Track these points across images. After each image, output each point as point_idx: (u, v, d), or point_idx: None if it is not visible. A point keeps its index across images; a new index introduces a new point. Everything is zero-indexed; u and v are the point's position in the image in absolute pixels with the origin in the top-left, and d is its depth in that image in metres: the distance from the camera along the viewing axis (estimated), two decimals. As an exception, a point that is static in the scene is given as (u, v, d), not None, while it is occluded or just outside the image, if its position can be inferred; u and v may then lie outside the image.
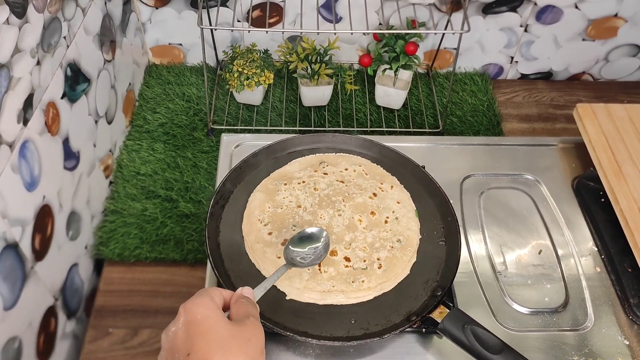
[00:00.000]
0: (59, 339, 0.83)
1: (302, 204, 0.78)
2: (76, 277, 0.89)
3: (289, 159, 0.85)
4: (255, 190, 0.80)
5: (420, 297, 0.70)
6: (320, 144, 0.88)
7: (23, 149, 0.72)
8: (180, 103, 1.17)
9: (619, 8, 1.15)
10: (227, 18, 1.17)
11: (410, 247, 0.75)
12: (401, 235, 0.76)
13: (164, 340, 0.50)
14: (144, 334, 0.86)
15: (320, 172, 0.82)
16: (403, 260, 0.74)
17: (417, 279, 0.72)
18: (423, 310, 0.68)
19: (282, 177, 0.82)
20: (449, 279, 0.71)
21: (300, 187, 0.80)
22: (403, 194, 0.82)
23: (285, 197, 0.79)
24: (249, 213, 0.77)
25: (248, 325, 0.50)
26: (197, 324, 0.49)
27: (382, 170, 0.84)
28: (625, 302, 0.75)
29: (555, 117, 1.21)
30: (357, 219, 0.77)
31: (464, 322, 0.65)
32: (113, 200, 1.00)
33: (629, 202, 0.78)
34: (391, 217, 0.78)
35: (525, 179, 0.89)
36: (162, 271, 0.93)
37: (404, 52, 1.10)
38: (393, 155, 0.86)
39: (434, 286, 0.71)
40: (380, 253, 0.74)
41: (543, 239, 0.82)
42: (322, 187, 0.80)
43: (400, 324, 0.67)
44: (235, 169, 0.82)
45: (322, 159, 0.85)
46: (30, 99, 0.74)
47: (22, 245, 0.72)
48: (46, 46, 0.78)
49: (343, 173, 0.82)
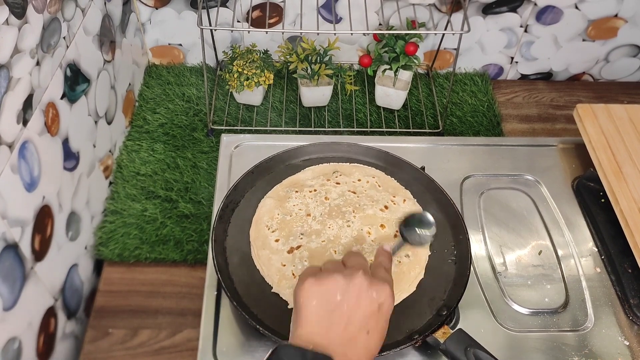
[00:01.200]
0: (59, 339, 0.83)
1: (312, 212, 0.77)
2: (76, 278, 0.89)
3: (303, 167, 0.85)
4: (266, 196, 0.79)
5: (424, 315, 0.69)
6: (336, 153, 0.87)
7: (22, 149, 0.72)
8: (180, 103, 1.17)
9: (619, 8, 1.15)
10: (227, 18, 1.17)
11: (418, 264, 0.74)
12: (410, 250, 0.75)
13: (364, 298, 0.56)
14: (143, 335, 0.86)
15: (333, 182, 0.81)
16: (410, 277, 0.73)
17: (423, 296, 0.71)
18: (426, 329, 0.67)
19: (294, 184, 0.81)
20: (456, 299, 0.69)
21: (311, 195, 0.79)
22: (416, 208, 0.81)
23: (295, 205, 0.78)
24: (258, 219, 0.77)
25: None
26: (384, 314, 0.57)
27: (396, 183, 0.84)
28: (626, 303, 0.75)
29: (556, 118, 1.21)
30: (366, 231, 0.76)
31: (467, 345, 0.64)
32: (113, 201, 1.00)
33: (629, 202, 0.78)
34: None
35: (525, 180, 0.89)
36: (161, 272, 0.93)
37: (404, 53, 1.10)
38: (409, 169, 0.84)
39: (440, 305, 0.70)
40: None
41: (543, 240, 0.82)
42: (333, 197, 0.79)
43: (402, 342, 0.66)
44: (248, 174, 0.81)
45: (335, 168, 0.84)
46: (30, 100, 0.74)
47: (21, 246, 0.72)
48: (46, 46, 0.78)
49: (356, 184, 0.82)
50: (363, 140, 0.94)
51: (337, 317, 0.54)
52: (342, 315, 0.54)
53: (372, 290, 0.56)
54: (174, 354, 0.84)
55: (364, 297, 0.55)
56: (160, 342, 0.85)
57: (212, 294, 0.74)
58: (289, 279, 0.71)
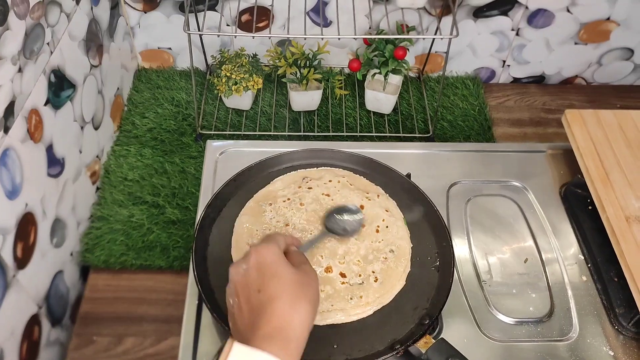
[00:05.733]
0: (43, 347, 0.82)
1: (290, 221, 0.76)
2: (61, 284, 0.89)
3: (280, 175, 0.84)
4: (241, 214, 0.78)
5: (407, 324, 0.68)
6: (320, 160, 0.86)
7: (4, 157, 0.72)
8: (169, 108, 1.16)
9: (611, 12, 1.14)
10: (216, 22, 1.16)
11: (404, 257, 0.74)
12: (393, 245, 0.75)
13: (234, 274, 0.57)
14: (127, 343, 0.85)
15: (305, 188, 0.80)
16: (398, 271, 0.72)
17: (406, 304, 0.70)
18: (408, 338, 0.66)
19: (266, 197, 0.80)
20: (439, 308, 0.68)
21: (285, 205, 0.78)
22: (389, 202, 0.81)
23: (272, 218, 0.77)
24: (237, 238, 0.75)
25: (307, 272, 0.57)
26: (267, 266, 0.55)
27: (366, 181, 0.83)
28: (611, 312, 0.74)
29: (547, 122, 1.20)
30: None
31: (448, 355, 0.63)
32: (99, 207, 0.99)
33: (615, 210, 0.77)
34: (382, 225, 0.76)
35: (512, 186, 0.89)
36: (147, 278, 0.93)
37: (393, 57, 1.09)
38: (394, 176, 0.83)
39: (423, 314, 0.69)
40: (375, 266, 0.72)
41: (529, 248, 0.81)
42: (308, 202, 0.78)
43: (383, 352, 0.65)
44: (229, 182, 0.80)
45: (304, 175, 0.83)
46: (12, 107, 0.73)
47: (2, 254, 0.72)
48: (28, 53, 0.77)
49: (328, 185, 0.81)
50: (352, 145, 0.93)
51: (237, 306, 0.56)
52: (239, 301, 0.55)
53: (243, 262, 0.57)
54: (158, 362, 0.84)
55: (242, 272, 0.56)
56: (145, 349, 0.85)
57: (193, 303, 0.73)
58: None
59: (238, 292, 0.55)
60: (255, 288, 0.54)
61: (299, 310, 0.53)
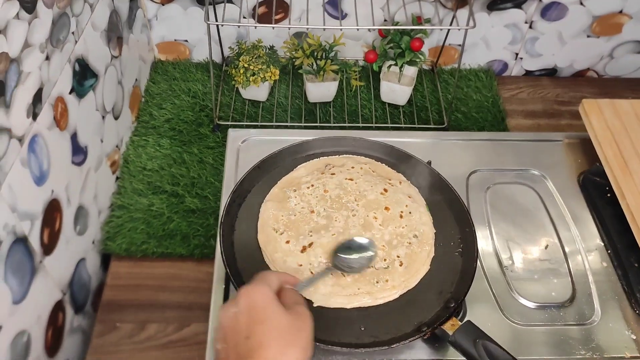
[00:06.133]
0: (67, 333, 0.83)
1: (315, 208, 0.77)
2: (84, 272, 0.90)
3: (303, 162, 0.85)
4: (266, 200, 0.79)
5: (433, 308, 0.69)
6: (342, 147, 0.87)
7: (32, 143, 0.73)
8: (186, 99, 1.17)
9: (623, 5, 1.15)
10: (233, 14, 1.17)
11: (427, 242, 0.75)
12: (416, 230, 0.76)
13: (223, 318, 0.54)
14: (151, 329, 0.86)
15: (328, 174, 0.81)
16: (422, 256, 0.73)
17: (431, 288, 0.71)
18: (435, 321, 0.67)
19: (290, 183, 0.81)
20: (464, 292, 0.69)
21: (309, 191, 0.79)
22: (411, 189, 0.82)
23: (297, 204, 0.78)
24: (263, 224, 0.76)
25: (300, 314, 0.55)
26: (257, 310, 0.52)
27: (388, 168, 0.84)
28: (632, 297, 0.75)
29: (560, 114, 1.21)
30: (372, 216, 0.76)
31: (476, 337, 0.64)
32: (120, 196, 1.00)
33: (635, 197, 0.78)
34: (405, 210, 0.77)
35: (531, 175, 0.90)
36: (168, 266, 0.93)
37: (409, 49, 1.10)
38: (416, 163, 0.84)
39: (448, 297, 0.70)
40: (399, 250, 0.73)
41: (549, 234, 0.82)
42: (331, 188, 0.79)
43: (410, 334, 0.66)
44: (254, 168, 0.81)
45: (327, 162, 0.84)
46: (40, 94, 0.74)
47: (31, 239, 0.73)
48: (55, 41, 0.78)
49: (351, 171, 0.82)
50: (368, 135, 0.94)
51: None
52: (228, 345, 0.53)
53: (233, 305, 0.54)
54: (182, 347, 0.84)
55: (231, 316, 0.53)
56: (168, 336, 0.86)
57: (220, 288, 0.74)
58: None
59: (227, 337, 0.52)
60: (243, 335, 0.51)
61: (289, 357, 0.51)
